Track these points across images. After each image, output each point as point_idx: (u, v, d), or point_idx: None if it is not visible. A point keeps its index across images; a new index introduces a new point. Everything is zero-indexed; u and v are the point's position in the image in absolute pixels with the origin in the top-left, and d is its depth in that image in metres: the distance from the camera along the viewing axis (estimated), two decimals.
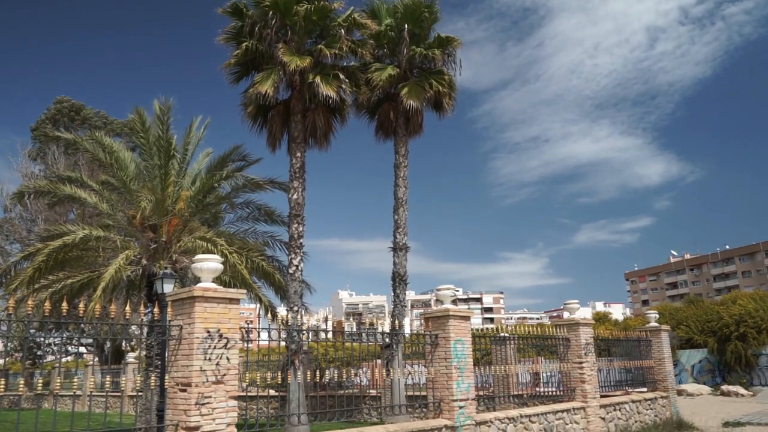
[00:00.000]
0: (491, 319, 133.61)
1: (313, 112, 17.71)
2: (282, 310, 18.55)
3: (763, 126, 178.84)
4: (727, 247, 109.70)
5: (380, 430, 8.25)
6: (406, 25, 18.50)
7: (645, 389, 16.03)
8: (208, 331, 6.50)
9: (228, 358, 6.61)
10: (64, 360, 38.15)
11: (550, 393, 13.16)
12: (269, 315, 18.54)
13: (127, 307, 7.20)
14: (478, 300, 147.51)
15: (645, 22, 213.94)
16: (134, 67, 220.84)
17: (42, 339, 26.24)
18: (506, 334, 13.18)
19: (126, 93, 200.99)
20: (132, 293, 18.73)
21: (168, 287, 12.03)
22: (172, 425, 6.32)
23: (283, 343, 9.73)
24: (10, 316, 6.08)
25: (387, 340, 11.46)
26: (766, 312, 31.57)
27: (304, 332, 8.75)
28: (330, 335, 9.05)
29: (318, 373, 8.75)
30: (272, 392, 19.60)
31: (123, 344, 30.10)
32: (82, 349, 37.65)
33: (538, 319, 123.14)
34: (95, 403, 27.58)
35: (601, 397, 13.53)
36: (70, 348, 33.41)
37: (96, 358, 32.85)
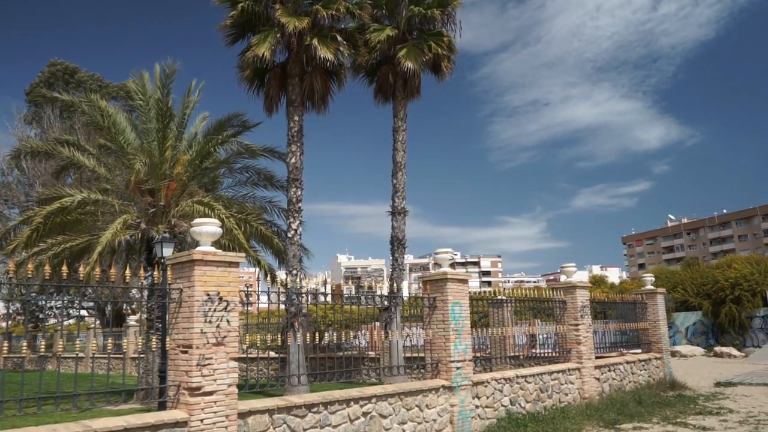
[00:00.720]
0: (489, 283, 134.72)
1: (310, 75, 17.51)
2: (281, 274, 18.69)
3: (764, 89, 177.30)
4: (725, 211, 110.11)
5: (379, 390, 8.40)
6: None
7: (639, 351, 16.29)
8: (208, 294, 6.55)
9: (228, 321, 6.69)
10: (66, 323, 38.57)
11: (546, 354, 13.37)
12: (268, 278, 18.66)
13: (127, 271, 7.24)
14: (476, 264, 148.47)
15: None
16: (126, 29, 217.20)
17: (44, 302, 26.47)
18: (503, 297, 13.30)
19: (119, 55, 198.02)
20: (132, 257, 18.83)
21: (167, 251, 12.11)
22: (175, 386, 6.43)
23: (282, 306, 9.82)
24: (10, 279, 6.11)
25: (385, 303, 11.59)
26: (761, 276, 31.88)
27: (304, 295, 8.84)
28: (329, 298, 9.14)
29: (317, 335, 8.86)
30: (272, 354, 19.88)
31: (124, 307, 30.38)
32: (84, 313, 38.02)
33: (535, 282, 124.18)
34: (98, 364, 27.99)
35: (596, 358, 13.75)
36: (71, 311, 33.71)
37: (97, 321, 33.19)
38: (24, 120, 36.98)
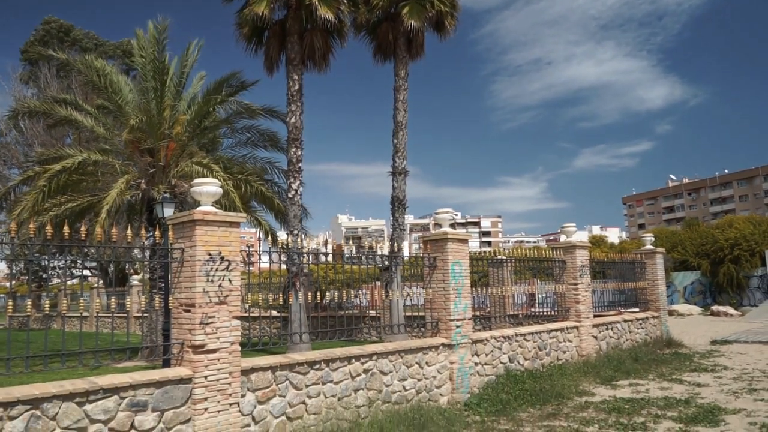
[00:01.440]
0: (489, 243, 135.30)
1: (310, 33, 17.19)
2: (282, 234, 18.76)
3: None
4: (726, 171, 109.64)
5: (379, 347, 8.51)
6: None
7: (637, 309, 16.46)
8: (210, 254, 6.58)
9: (230, 280, 6.73)
10: (69, 283, 38.90)
11: (545, 313, 13.52)
12: (269, 239, 18.74)
13: (129, 231, 7.26)
14: (476, 224, 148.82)
15: None
16: None
17: (47, 262, 26.69)
18: (503, 257, 13.38)
19: (114, 13, 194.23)
20: (132, 218, 18.88)
21: (168, 211, 12.15)
22: (178, 344, 6.52)
23: (283, 266, 9.89)
24: (13, 239, 6.13)
25: (386, 262, 11.65)
26: (761, 236, 31.99)
27: (305, 255, 8.88)
28: (330, 258, 9.17)
29: (318, 294, 8.94)
30: (274, 313, 20.12)
31: (126, 267, 30.61)
32: (87, 273, 38.35)
33: (535, 242, 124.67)
34: (102, 323, 28.39)
35: (595, 317, 13.91)
36: (74, 271, 33.97)
37: (100, 281, 33.49)
38: (20, 79, 36.53)
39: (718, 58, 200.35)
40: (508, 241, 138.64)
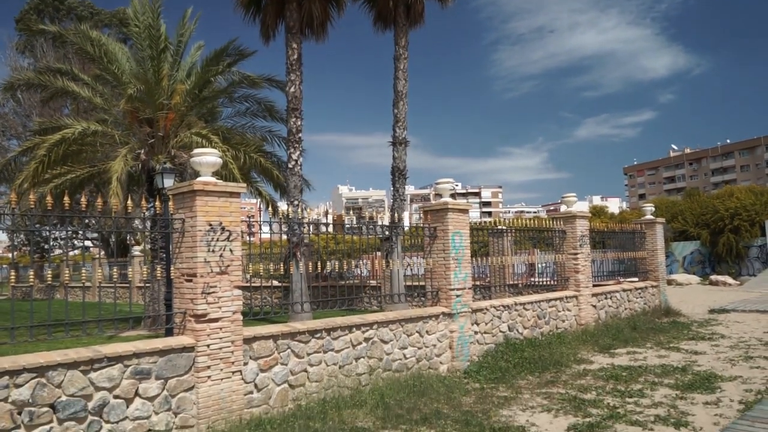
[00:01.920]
0: (489, 213, 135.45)
1: (308, 1, 16.95)
2: (282, 205, 18.77)
3: None
4: (728, 141, 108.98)
5: (380, 316, 8.59)
6: None
7: (636, 279, 16.56)
8: (210, 224, 6.59)
9: (231, 250, 6.76)
10: (71, 254, 39.06)
11: (544, 283, 13.60)
12: (270, 209, 18.77)
13: (129, 202, 7.25)
14: (477, 194, 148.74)
15: None
16: None
17: (48, 233, 26.77)
18: (503, 227, 13.40)
19: None
20: (132, 188, 18.87)
21: (168, 182, 12.13)
22: (181, 313, 6.58)
23: (284, 236, 9.91)
24: (13, 210, 6.14)
25: (386, 233, 11.68)
26: (761, 206, 31.99)
27: (305, 225, 8.90)
28: (330, 228, 9.19)
29: (319, 264, 8.98)
30: (276, 283, 20.25)
31: (128, 238, 30.69)
32: (88, 243, 38.47)
33: (535, 212, 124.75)
34: (105, 293, 28.54)
35: (594, 286, 14.00)
36: (76, 242, 34.09)
37: (102, 252, 33.61)
38: (16, 49, 36.10)
39: (722, 27, 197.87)
40: (509, 212, 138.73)
